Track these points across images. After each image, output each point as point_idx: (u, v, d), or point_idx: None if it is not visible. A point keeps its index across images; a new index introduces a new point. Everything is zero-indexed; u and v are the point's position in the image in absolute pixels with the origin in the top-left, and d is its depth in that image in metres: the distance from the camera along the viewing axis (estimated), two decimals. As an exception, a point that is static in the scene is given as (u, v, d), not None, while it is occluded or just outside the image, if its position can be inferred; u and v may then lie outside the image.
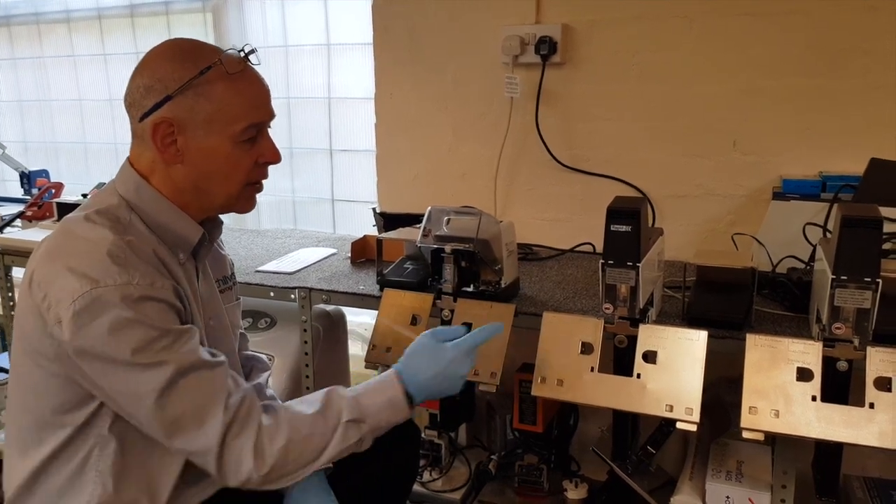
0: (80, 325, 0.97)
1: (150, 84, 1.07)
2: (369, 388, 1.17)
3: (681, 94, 1.88)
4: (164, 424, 1.01)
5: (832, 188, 1.62)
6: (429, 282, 1.51)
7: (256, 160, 1.14)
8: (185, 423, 1.01)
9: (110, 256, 1.00)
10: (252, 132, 1.12)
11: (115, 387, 1.01)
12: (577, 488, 1.81)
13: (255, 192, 1.19)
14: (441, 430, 1.93)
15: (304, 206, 2.62)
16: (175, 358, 1.01)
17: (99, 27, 2.88)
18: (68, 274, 0.99)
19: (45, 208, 2.38)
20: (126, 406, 1.02)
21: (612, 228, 1.23)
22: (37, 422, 1.08)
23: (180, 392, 1.01)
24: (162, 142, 1.08)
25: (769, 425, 1.16)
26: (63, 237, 1.06)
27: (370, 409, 1.14)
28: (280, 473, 1.07)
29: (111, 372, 0.99)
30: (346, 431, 1.11)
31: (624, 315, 1.27)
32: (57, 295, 0.98)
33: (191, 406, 1.01)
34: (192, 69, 1.06)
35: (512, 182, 2.12)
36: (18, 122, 3.21)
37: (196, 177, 1.11)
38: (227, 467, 1.04)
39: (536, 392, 1.32)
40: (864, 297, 1.11)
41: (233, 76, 1.08)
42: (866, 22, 1.68)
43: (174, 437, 1.02)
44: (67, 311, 0.97)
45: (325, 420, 1.10)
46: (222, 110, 1.08)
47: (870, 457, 1.75)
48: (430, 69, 2.15)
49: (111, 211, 1.08)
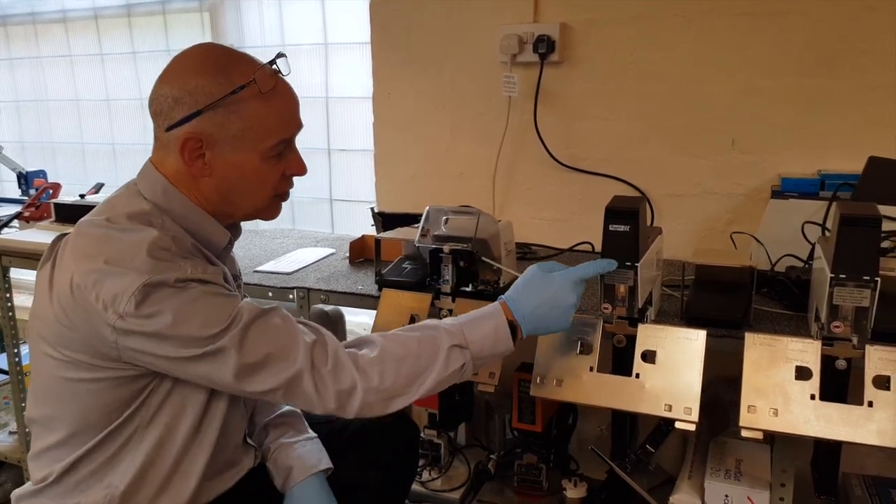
0: (146, 315, 0.97)
1: (180, 96, 1.05)
2: (474, 315, 1.15)
3: (679, 94, 1.88)
4: (250, 370, 1.01)
5: (831, 187, 1.62)
6: (427, 281, 1.51)
7: (283, 172, 1.14)
8: (270, 361, 1.02)
9: (158, 250, 1.00)
10: (281, 147, 1.12)
11: (189, 359, 1.00)
12: (577, 487, 1.81)
13: (282, 201, 1.19)
14: (440, 430, 1.93)
15: (302, 206, 2.62)
16: (241, 311, 1.01)
17: (96, 27, 2.88)
18: (118, 270, 0.98)
19: (43, 209, 2.37)
20: (203, 371, 1.02)
21: (610, 228, 1.23)
22: (74, 425, 1.07)
23: (257, 335, 1.01)
24: (189, 156, 1.07)
25: (768, 424, 1.16)
26: (97, 240, 1.04)
27: (474, 335, 1.12)
28: (386, 388, 1.05)
29: (184, 349, 0.99)
30: (450, 356, 1.09)
31: (623, 314, 1.27)
32: (112, 292, 0.97)
33: (273, 344, 1.02)
34: (225, 85, 1.04)
35: (510, 181, 2.12)
36: (15, 122, 3.21)
37: (223, 190, 1.11)
38: (326, 380, 1.03)
39: (535, 392, 1.31)
40: (862, 295, 1.11)
41: (266, 94, 1.07)
42: (864, 22, 1.68)
43: (262, 376, 1.01)
44: (129, 304, 0.96)
45: (428, 343, 1.09)
46: (253, 128, 1.07)
47: (868, 455, 1.75)
48: (427, 68, 2.15)
49: (143, 215, 1.07)
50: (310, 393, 1.03)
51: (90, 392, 1.05)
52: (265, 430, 1.33)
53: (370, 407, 1.06)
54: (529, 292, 1.16)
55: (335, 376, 1.04)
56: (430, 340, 1.10)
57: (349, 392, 1.04)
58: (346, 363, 1.05)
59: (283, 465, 1.27)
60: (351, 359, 1.06)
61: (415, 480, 1.75)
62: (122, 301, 0.97)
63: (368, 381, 1.04)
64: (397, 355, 1.07)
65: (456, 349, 1.10)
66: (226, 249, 1.19)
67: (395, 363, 1.07)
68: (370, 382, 1.04)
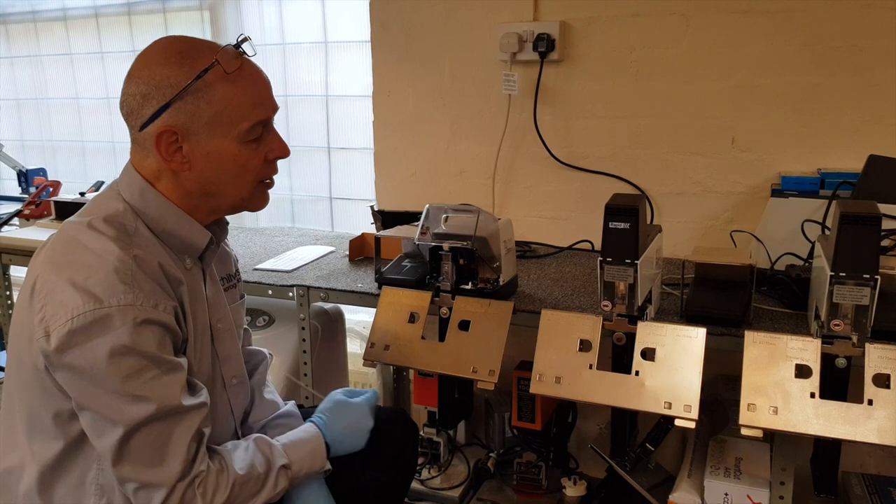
0: (75, 344, 0.95)
1: (147, 91, 1.03)
2: (295, 439, 1.20)
3: (679, 92, 1.88)
4: (123, 452, 0.99)
5: (830, 185, 1.62)
6: (427, 280, 1.51)
7: (265, 157, 1.12)
8: (144, 458, 1.00)
9: (117, 273, 0.98)
10: (258, 130, 1.10)
11: (91, 405, 0.99)
12: (576, 486, 1.82)
13: (267, 188, 1.17)
14: (440, 428, 1.93)
15: (302, 204, 2.62)
16: (159, 395, 0.99)
17: (96, 25, 2.88)
18: (71, 288, 0.97)
19: (43, 207, 2.38)
20: (90, 422, 1.01)
21: (610, 226, 1.23)
22: (36, 428, 1.07)
23: (153, 430, 1.00)
24: (167, 150, 1.05)
25: (768, 422, 1.16)
26: (67, 245, 1.04)
27: (296, 456, 1.17)
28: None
29: (93, 393, 0.98)
30: (278, 477, 1.13)
31: (622, 312, 1.27)
32: (54, 308, 0.97)
33: (158, 443, 1.00)
34: (189, 72, 1.03)
35: (510, 180, 2.12)
36: (16, 120, 3.21)
37: (205, 181, 1.09)
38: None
39: (535, 390, 1.31)
40: (862, 293, 1.11)
41: (232, 75, 1.05)
42: (863, 20, 1.68)
43: (126, 463, 1.00)
44: (63, 326, 0.95)
45: (260, 466, 1.11)
46: (225, 112, 1.05)
47: (868, 454, 1.75)
48: (427, 67, 2.14)
49: (117, 218, 1.06)
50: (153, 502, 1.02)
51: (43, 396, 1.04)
52: (263, 431, 1.32)
53: None
54: (337, 418, 1.28)
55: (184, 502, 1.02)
56: (262, 464, 1.12)
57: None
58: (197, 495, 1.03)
59: (281, 466, 1.27)
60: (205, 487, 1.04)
61: (414, 479, 1.75)
62: (58, 320, 0.96)
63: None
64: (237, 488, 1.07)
65: (283, 470, 1.14)
66: (210, 251, 1.17)
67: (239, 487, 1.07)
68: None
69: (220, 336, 1.20)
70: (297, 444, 1.20)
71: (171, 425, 1.01)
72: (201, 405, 1.06)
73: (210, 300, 1.18)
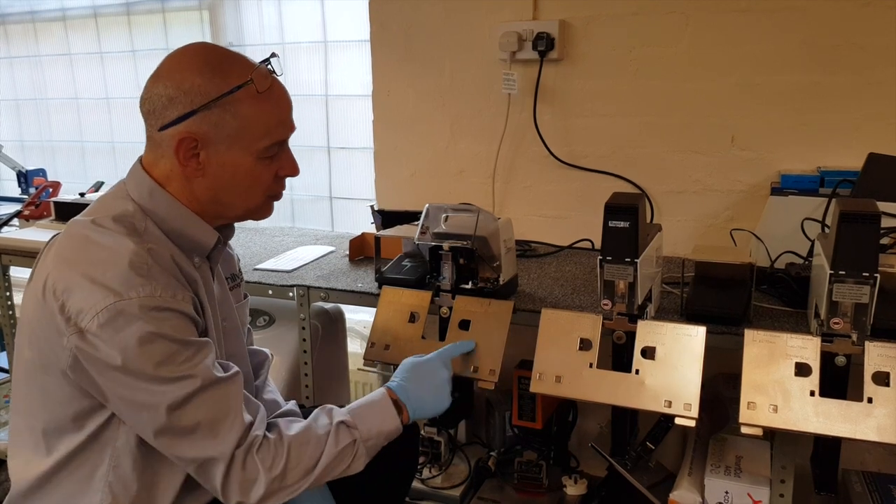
0: (104, 339, 0.96)
1: (174, 95, 1.04)
2: (360, 402, 1.20)
3: (678, 90, 1.88)
4: (173, 433, 1.00)
5: (830, 183, 1.63)
6: (427, 279, 1.51)
7: (277, 173, 1.14)
8: (198, 433, 1.01)
9: (133, 267, 0.99)
10: (275, 149, 1.11)
11: (128, 396, 0.99)
12: (577, 484, 1.82)
13: (273, 201, 1.19)
14: (440, 427, 1.93)
15: (302, 204, 2.62)
16: (197, 372, 1.00)
17: (95, 25, 2.88)
18: (89, 284, 0.97)
19: (43, 207, 2.37)
20: (133, 413, 1.01)
21: (610, 225, 1.23)
22: (49, 427, 1.07)
23: (198, 404, 1.00)
24: (184, 156, 1.06)
25: (768, 420, 1.16)
26: (78, 243, 1.04)
27: (360, 414, 1.15)
28: (281, 486, 1.05)
29: (129, 384, 0.98)
30: (338, 433, 1.11)
31: (622, 311, 1.27)
32: (78, 305, 0.97)
33: (207, 417, 1.01)
34: (221, 85, 1.04)
35: (510, 179, 2.12)
36: (15, 120, 3.21)
37: (216, 190, 1.10)
38: (234, 480, 1.03)
39: (535, 389, 1.32)
40: (862, 291, 1.11)
41: (261, 94, 1.06)
42: (862, 18, 1.68)
43: (183, 443, 1.01)
44: (91, 322, 0.96)
45: (319, 427, 1.11)
46: (249, 128, 1.06)
47: (868, 451, 1.76)
48: (427, 66, 2.14)
49: (126, 217, 1.06)
50: (216, 483, 1.03)
51: (57, 395, 1.04)
52: None
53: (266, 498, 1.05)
54: (408, 374, 1.25)
55: (245, 467, 1.03)
56: (320, 425, 1.12)
57: (252, 482, 1.04)
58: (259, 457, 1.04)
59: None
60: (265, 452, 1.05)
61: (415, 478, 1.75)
62: (85, 316, 0.96)
63: (271, 471, 1.04)
64: (296, 450, 1.08)
65: (343, 426, 1.12)
66: (217, 250, 1.18)
67: (295, 458, 1.07)
68: (273, 471, 1.04)
69: (228, 335, 1.22)
70: (362, 405, 1.17)
71: (216, 397, 1.02)
72: (237, 374, 1.07)
73: (218, 299, 1.20)
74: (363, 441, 1.13)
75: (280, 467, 1.04)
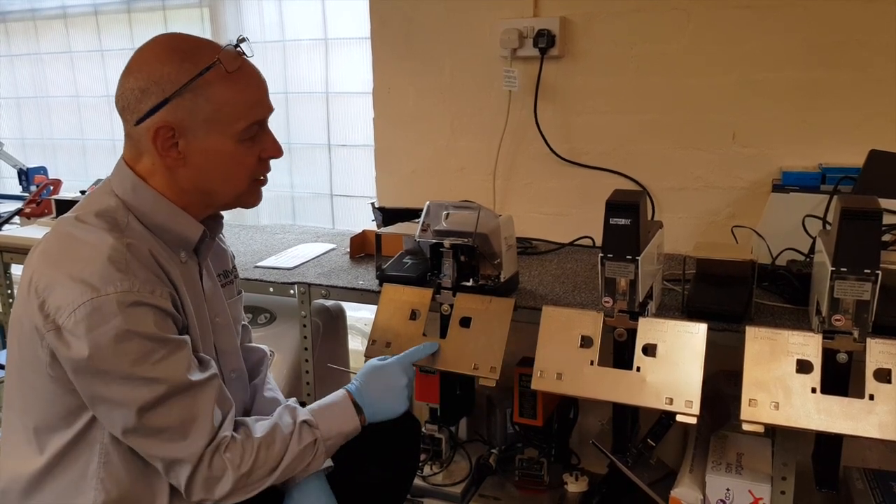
0: (78, 335, 0.96)
1: (146, 86, 1.04)
2: (320, 403, 1.22)
3: (679, 87, 1.88)
4: (143, 433, 1.01)
5: (832, 180, 1.62)
6: (428, 276, 1.51)
7: (259, 156, 1.13)
8: (167, 434, 1.02)
9: (111, 262, 0.99)
10: (254, 129, 1.11)
11: (100, 394, 1.00)
12: (578, 481, 1.82)
13: (260, 185, 1.18)
14: (441, 425, 1.93)
15: (302, 202, 2.62)
16: (169, 374, 1.01)
17: (95, 23, 2.88)
18: (68, 281, 0.97)
19: (44, 205, 2.38)
20: (104, 410, 1.02)
21: (611, 222, 1.23)
22: (40, 426, 1.07)
23: (169, 407, 1.01)
24: (163, 146, 1.06)
25: (769, 417, 1.16)
26: (62, 240, 1.05)
27: (321, 414, 1.18)
28: (246, 483, 1.08)
29: (102, 381, 0.98)
30: (301, 432, 1.14)
31: (623, 308, 1.27)
32: (56, 302, 0.97)
33: (177, 420, 1.02)
34: (190, 70, 1.04)
35: (511, 176, 2.12)
36: (16, 118, 3.21)
37: (200, 178, 1.10)
38: (199, 479, 1.04)
39: (536, 386, 1.31)
40: (863, 288, 1.11)
41: (231, 75, 1.06)
42: (864, 15, 1.68)
43: (151, 443, 1.02)
44: (67, 319, 0.96)
45: (283, 427, 1.13)
46: (223, 111, 1.06)
47: (869, 448, 1.75)
48: (427, 63, 2.14)
49: (109, 213, 1.06)
50: (181, 481, 1.04)
51: (44, 393, 1.04)
52: None
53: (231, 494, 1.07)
54: (367, 378, 1.27)
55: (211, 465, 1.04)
56: (286, 424, 1.14)
57: (217, 479, 1.05)
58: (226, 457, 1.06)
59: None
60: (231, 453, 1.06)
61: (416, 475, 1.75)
62: (62, 314, 0.96)
63: (239, 469, 1.06)
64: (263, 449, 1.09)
65: (305, 426, 1.15)
66: (204, 244, 1.17)
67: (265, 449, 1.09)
68: (241, 469, 1.06)
69: (219, 331, 1.21)
70: (323, 406, 1.20)
71: (187, 401, 1.03)
72: (212, 377, 1.08)
73: (208, 295, 1.19)
74: (324, 440, 1.16)
75: (248, 466, 1.07)
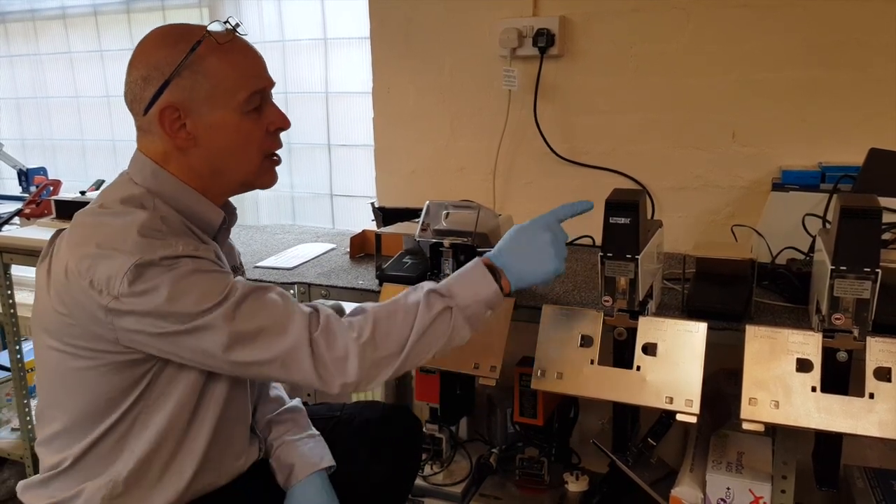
0: (139, 293, 0.98)
1: (147, 74, 1.07)
2: (455, 273, 1.15)
3: (679, 86, 1.87)
4: (242, 341, 1.01)
5: (831, 179, 1.62)
6: (428, 276, 1.51)
7: (266, 128, 1.15)
8: (265, 334, 1.02)
9: (148, 231, 1.01)
10: (256, 100, 1.12)
11: (183, 334, 1.00)
12: (578, 481, 1.82)
13: (274, 164, 1.20)
14: (441, 424, 1.94)
15: (302, 202, 2.62)
16: (239, 285, 1.03)
17: (95, 23, 2.88)
18: (110, 253, 0.99)
19: (44, 206, 2.38)
20: (193, 346, 1.02)
21: (610, 221, 1.23)
22: (78, 414, 1.08)
23: (252, 308, 1.02)
24: (171, 127, 1.08)
25: (769, 416, 1.16)
26: (90, 227, 1.06)
27: (451, 283, 1.11)
28: (375, 357, 1.04)
29: (178, 320, 0.99)
30: (429, 300, 1.08)
31: (623, 307, 1.27)
32: (105, 274, 0.98)
33: (268, 317, 1.02)
34: (183, 49, 1.07)
35: (510, 175, 2.12)
36: (15, 119, 3.21)
37: (212, 156, 1.11)
38: (324, 362, 1.02)
39: (536, 385, 1.32)
40: (863, 287, 1.11)
41: (223, 46, 1.09)
42: (864, 14, 1.67)
43: (256, 347, 1.01)
44: (122, 285, 0.97)
45: (407, 299, 1.10)
46: (221, 84, 1.08)
47: (870, 447, 1.75)
48: (427, 63, 2.14)
49: (134, 199, 1.08)
50: (307, 367, 1.02)
51: (92, 380, 1.06)
52: (268, 426, 1.33)
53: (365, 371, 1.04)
54: (505, 241, 1.18)
55: (329, 346, 1.03)
56: (408, 295, 1.11)
57: (343, 359, 1.03)
58: (339, 331, 1.05)
59: (286, 462, 1.28)
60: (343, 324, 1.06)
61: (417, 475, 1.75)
62: (115, 282, 0.98)
63: (359, 340, 1.04)
64: (382, 317, 1.07)
65: (434, 294, 1.09)
66: (222, 232, 1.20)
67: (385, 319, 1.07)
68: (361, 339, 1.04)
69: None
70: (453, 276, 1.13)
71: (267, 298, 1.04)
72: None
73: None
74: (460, 309, 1.08)
75: (367, 335, 1.04)
